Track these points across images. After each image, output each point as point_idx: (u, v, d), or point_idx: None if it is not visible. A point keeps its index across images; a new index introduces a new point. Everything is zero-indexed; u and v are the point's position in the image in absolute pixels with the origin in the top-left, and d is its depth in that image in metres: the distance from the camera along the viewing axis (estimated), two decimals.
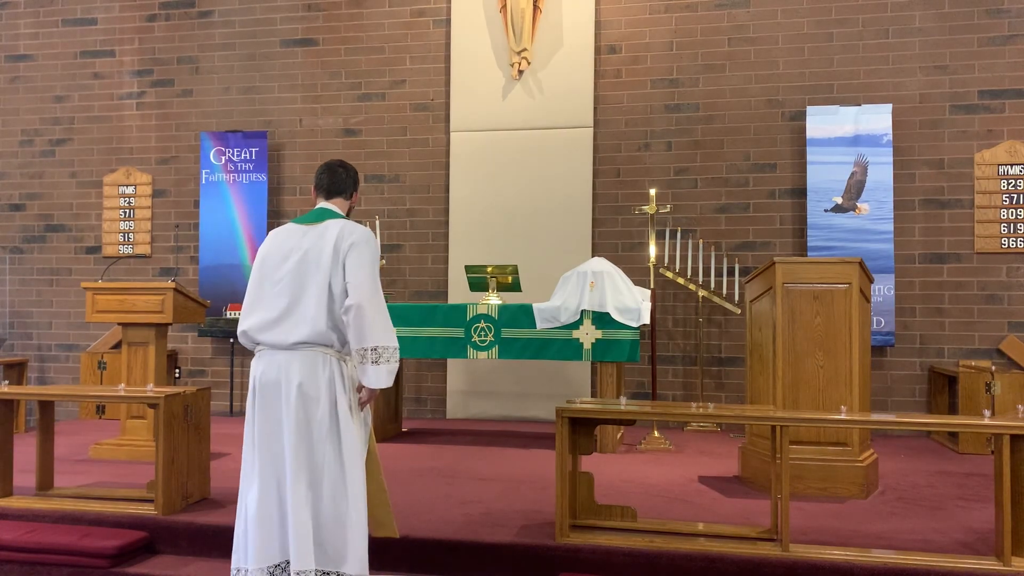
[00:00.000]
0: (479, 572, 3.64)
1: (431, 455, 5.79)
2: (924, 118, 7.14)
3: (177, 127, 8.47)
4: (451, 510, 4.20)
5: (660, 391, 7.29)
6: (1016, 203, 6.96)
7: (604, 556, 3.55)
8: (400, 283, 7.96)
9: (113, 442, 5.76)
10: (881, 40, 7.23)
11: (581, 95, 7.63)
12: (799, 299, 4.65)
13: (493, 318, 6.03)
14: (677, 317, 7.45)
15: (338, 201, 3.30)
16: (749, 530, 3.77)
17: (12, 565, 3.84)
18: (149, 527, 4.00)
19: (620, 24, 7.67)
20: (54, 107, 8.72)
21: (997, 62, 7.03)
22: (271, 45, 8.30)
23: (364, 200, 8.01)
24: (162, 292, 5.55)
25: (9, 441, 4.44)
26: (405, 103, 8.03)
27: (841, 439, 4.63)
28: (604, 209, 7.62)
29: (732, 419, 4.47)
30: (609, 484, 4.80)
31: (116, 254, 8.46)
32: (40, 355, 8.61)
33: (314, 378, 3.02)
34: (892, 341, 6.98)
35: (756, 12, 7.44)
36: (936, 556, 3.42)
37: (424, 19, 8.01)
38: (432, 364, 7.80)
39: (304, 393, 3.01)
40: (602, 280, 5.89)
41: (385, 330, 3.02)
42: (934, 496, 4.64)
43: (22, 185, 8.75)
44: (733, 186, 7.43)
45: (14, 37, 8.83)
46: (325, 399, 3.03)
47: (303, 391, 3.01)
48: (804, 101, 7.30)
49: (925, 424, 3.88)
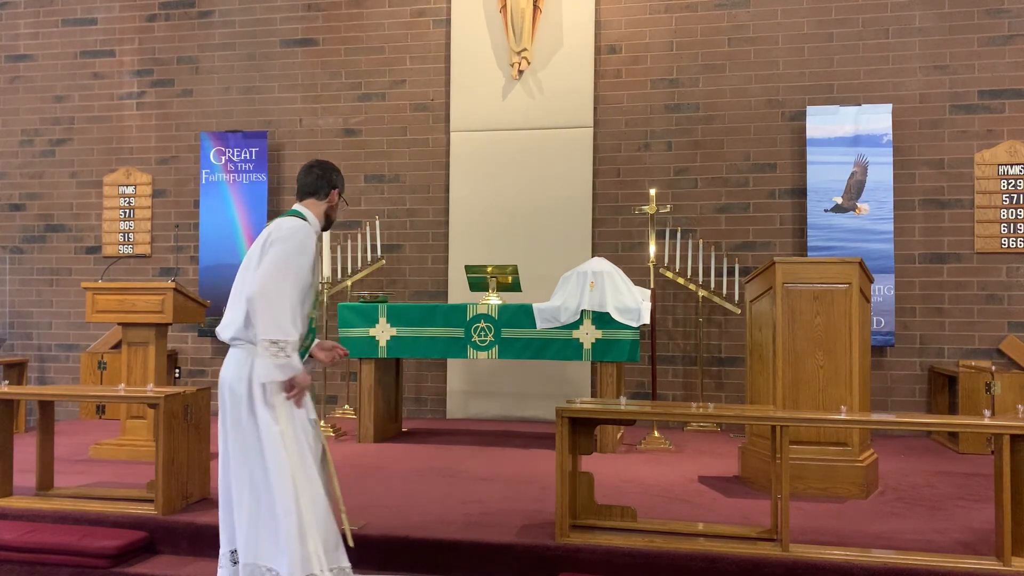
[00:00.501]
0: (479, 572, 3.64)
1: (431, 455, 5.79)
2: (924, 118, 7.14)
3: (177, 127, 8.47)
4: (451, 510, 4.20)
5: (660, 391, 7.29)
6: (1016, 203, 6.96)
7: (604, 556, 3.55)
8: (400, 283, 7.96)
9: (113, 442, 5.77)
10: (881, 40, 7.23)
11: (581, 95, 7.63)
12: (799, 299, 4.65)
13: (493, 318, 6.03)
14: (677, 317, 7.45)
15: (310, 202, 3.34)
16: (749, 530, 3.77)
17: (12, 565, 3.84)
18: (149, 527, 4.00)
19: (620, 24, 7.67)
20: (54, 107, 8.72)
21: (997, 62, 7.03)
22: (271, 45, 8.30)
23: (364, 200, 8.01)
24: (162, 292, 5.56)
25: (9, 441, 4.44)
26: (405, 103, 8.03)
27: (841, 439, 4.63)
28: (604, 209, 7.62)
29: (732, 419, 4.48)
30: (609, 484, 4.80)
31: (116, 254, 8.46)
32: (40, 355, 8.61)
33: (239, 374, 3.12)
34: (892, 341, 6.98)
35: (756, 12, 7.44)
36: (936, 556, 3.42)
37: (424, 19, 8.01)
38: (432, 364, 7.80)
39: (231, 389, 3.13)
40: (602, 280, 5.89)
41: (273, 323, 3.00)
42: (934, 496, 4.64)
43: (22, 185, 8.75)
44: (733, 186, 7.43)
45: (14, 37, 8.83)
46: (245, 395, 3.10)
47: (232, 387, 3.13)
48: (804, 101, 7.30)
49: (925, 424, 3.88)
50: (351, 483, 4.81)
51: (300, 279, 3.10)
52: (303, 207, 3.32)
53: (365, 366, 6.25)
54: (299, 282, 3.10)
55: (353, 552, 3.59)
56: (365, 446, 6.12)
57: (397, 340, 6.18)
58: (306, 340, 3.25)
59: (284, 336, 3.01)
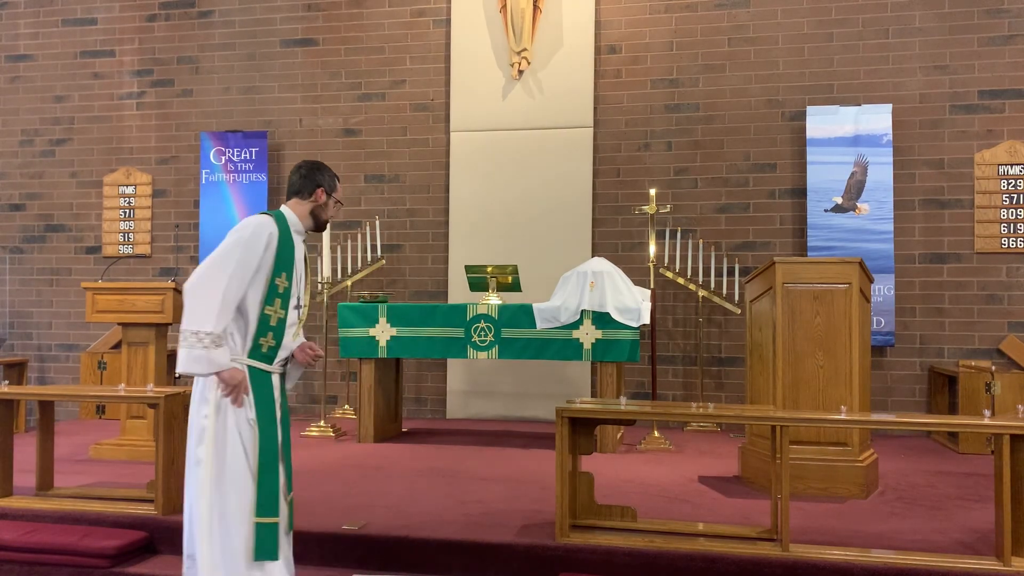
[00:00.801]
0: (479, 572, 3.64)
1: (431, 455, 5.79)
2: (924, 118, 7.14)
3: (177, 127, 8.47)
4: (451, 510, 4.20)
5: (660, 391, 7.29)
6: (1016, 203, 6.96)
7: (604, 556, 3.55)
8: (400, 283, 7.96)
9: (113, 442, 5.77)
10: (881, 40, 7.23)
11: (581, 95, 7.63)
12: (799, 299, 4.64)
13: (493, 318, 6.03)
14: (677, 317, 7.45)
15: (294, 202, 3.27)
16: (749, 530, 3.76)
17: (12, 565, 3.84)
18: (149, 527, 4.00)
19: (620, 24, 7.67)
20: (54, 107, 8.71)
21: (997, 62, 7.03)
22: (271, 45, 8.30)
23: (364, 200, 8.01)
24: (162, 292, 5.56)
25: (9, 441, 4.44)
26: (405, 103, 8.03)
27: (841, 439, 4.63)
28: (604, 209, 7.62)
29: (732, 419, 4.48)
30: (609, 484, 4.80)
31: (116, 254, 8.46)
32: (40, 355, 8.60)
33: None
34: (892, 341, 6.98)
35: (756, 12, 7.44)
36: (936, 556, 3.42)
37: (424, 19, 8.01)
38: (432, 364, 7.80)
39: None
40: (602, 280, 5.89)
41: (194, 312, 2.96)
42: (934, 496, 4.64)
43: (22, 185, 8.75)
44: (733, 186, 7.43)
45: (14, 37, 8.83)
46: (195, 388, 3.11)
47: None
48: (804, 101, 7.30)
49: (925, 424, 3.88)
50: (351, 483, 4.82)
51: (244, 272, 3.01)
52: (286, 206, 3.27)
53: (365, 366, 6.25)
54: (243, 275, 3.00)
55: (353, 552, 3.60)
56: (365, 446, 6.12)
57: (397, 340, 6.18)
58: (272, 341, 3.11)
59: (202, 327, 2.93)
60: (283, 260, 3.12)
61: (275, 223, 3.13)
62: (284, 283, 3.12)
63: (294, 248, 3.18)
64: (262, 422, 3.07)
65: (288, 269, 3.14)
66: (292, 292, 3.16)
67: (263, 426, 3.07)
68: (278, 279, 3.10)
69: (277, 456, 3.09)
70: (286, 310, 3.13)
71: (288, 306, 3.15)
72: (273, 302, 3.10)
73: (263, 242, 3.06)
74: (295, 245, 3.20)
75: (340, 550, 3.77)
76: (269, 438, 3.07)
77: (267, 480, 3.04)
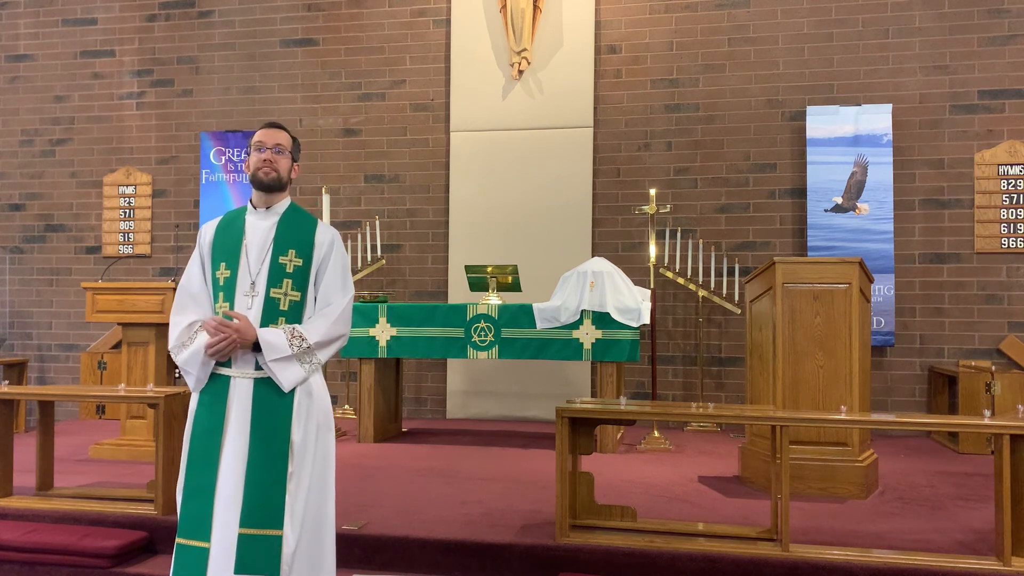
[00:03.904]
0: (479, 572, 3.64)
1: (431, 455, 5.79)
2: (924, 118, 7.14)
3: (177, 127, 8.47)
4: (451, 510, 4.20)
5: (660, 391, 7.29)
6: (1016, 203, 6.96)
7: (604, 556, 3.55)
8: (400, 283, 7.96)
9: (113, 442, 5.76)
10: (881, 40, 7.23)
11: (581, 95, 7.63)
12: (799, 299, 4.64)
13: (493, 318, 6.03)
14: (677, 317, 7.45)
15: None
16: (749, 530, 3.76)
17: (12, 565, 3.84)
18: (149, 527, 4.00)
19: (620, 24, 7.67)
20: (54, 107, 8.71)
21: (997, 62, 7.03)
22: (271, 45, 8.30)
23: (364, 200, 8.01)
24: (162, 292, 5.56)
25: (9, 441, 4.44)
26: (405, 103, 8.03)
27: (841, 439, 4.63)
28: (604, 209, 7.62)
29: (732, 419, 4.47)
30: (609, 484, 4.80)
31: (116, 254, 8.46)
32: (40, 355, 8.60)
33: None
34: (892, 341, 6.98)
35: (756, 12, 7.44)
36: (936, 556, 3.42)
37: (424, 19, 8.01)
38: (432, 364, 7.80)
39: None
40: (602, 280, 5.89)
41: None
42: (934, 496, 4.64)
43: (22, 185, 8.75)
44: (733, 186, 7.43)
45: (14, 37, 8.83)
46: None
47: None
48: (804, 101, 7.30)
49: (925, 424, 3.87)
50: (351, 483, 4.81)
51: (193, 270, 3.04)
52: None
53: (365, 366, 6.25)
54: (192, 272, 3.04)
55: (355, 552, 3.59)
56: (365, 446, 6.12)
57: (397, 340, 6.18)
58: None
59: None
60: (221, 250, 2.95)
61: (223, 216, 3.10)
62: (225, 273, 2.92)
63: (242, 232, 2.96)
64: (195, 430, 2.85)
65: (229, 258, 2.93)
66: (238, 280, 2.90)
67: (194, 435, 2.84)
68: (218, 272, 2.93)
69: (213, 473, 2.76)
70: (231, 301, 2.88)
71: (235, 296, 2.88)
72: (217, 297, 2.93)
73: (199, 242, 3.08)
74: (245, 227, 2.97)
75: (340, 550, 3.76)
76: (201, 450, 2.80)
77: (194, 501, 2.76)
